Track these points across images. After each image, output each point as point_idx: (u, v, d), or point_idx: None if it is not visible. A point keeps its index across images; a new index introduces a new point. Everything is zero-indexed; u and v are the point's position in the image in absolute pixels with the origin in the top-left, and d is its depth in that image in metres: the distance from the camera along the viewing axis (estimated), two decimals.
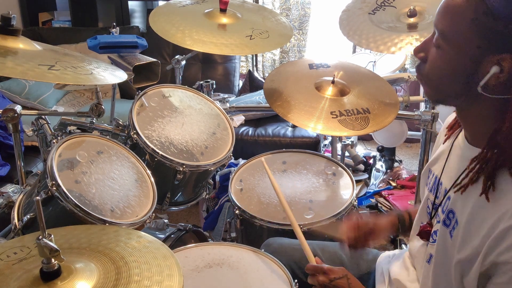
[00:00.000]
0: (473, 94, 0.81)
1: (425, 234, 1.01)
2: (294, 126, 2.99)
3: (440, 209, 0.96)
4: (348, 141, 2.18)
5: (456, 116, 0.99)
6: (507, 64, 0.76)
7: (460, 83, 0.83)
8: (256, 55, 3.79)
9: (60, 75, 0.97)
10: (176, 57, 1.95)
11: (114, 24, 1.69)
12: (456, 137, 0.97)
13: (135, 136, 1.47)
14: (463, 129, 0.94)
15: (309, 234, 1.42)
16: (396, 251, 1.29)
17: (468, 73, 0.80)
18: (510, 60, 0.75)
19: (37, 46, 1.13)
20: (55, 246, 0.73)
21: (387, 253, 1.30)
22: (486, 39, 0.76)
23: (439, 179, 0.99)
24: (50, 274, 0.75)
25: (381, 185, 2.69)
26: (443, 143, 1.04)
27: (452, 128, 1.00)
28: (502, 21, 0.74)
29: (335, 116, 1.60)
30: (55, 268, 0.75)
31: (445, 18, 0.81)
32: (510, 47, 0.75)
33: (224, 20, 1.73)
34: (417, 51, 0.90)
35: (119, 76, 1.23)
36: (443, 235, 0.91)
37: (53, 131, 1.48)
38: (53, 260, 0.75)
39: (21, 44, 1.09)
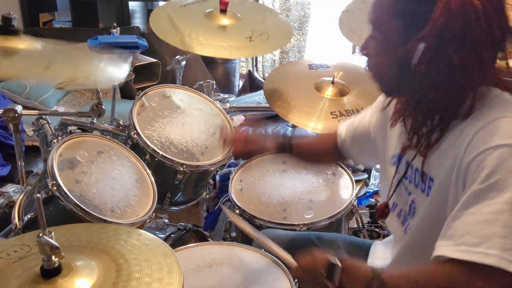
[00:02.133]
0: (412, 75, 0.87)
1: (383, 214, 1.06)
2: (294, 126, 2.99)
3: (406, 181, 1.00)
4: None
5: (394, 108, 1.04)
6: (430, 37, 0.82)
7: (395, 65, 0.89)
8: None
9: (57, 73, 0.96)
10: (176, 57, 1.95)
11: (115, 24, 1.70)
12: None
13: (135, 136, 1.47)
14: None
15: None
16: (387, 239, 1.30)
17: (400, 54, 0.86)
18: (429, 34, 0.82)
19: (37, 45, 1.13)
20: (56, 244, 0.74)
21: (379, 242, 1.30)
22: (407, 20, 0.84)
23: (399, 154, 1.03)
24: (51, 272, 0.75)
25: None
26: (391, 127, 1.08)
27: (394, 118, 1.04)
28: (414, 2, 0.83)
29: (335, 116, 1.61)
30: (56, 265, 0.75)
31: (374, 10, 0.91)
32: (425, 20, 0.81)
33: (224, 21, 1.72)
34: (361, 49, 0.97)
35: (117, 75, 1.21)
36: (421, 200, 0.95)
37: (53, 131, 1.49)
38: (53, 257, 0.75)
39: (22, 44, 1.09)
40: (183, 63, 1.98)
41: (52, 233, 0.76)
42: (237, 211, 1.54)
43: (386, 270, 0.86)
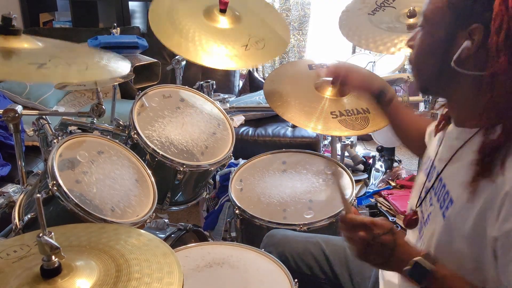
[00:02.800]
0: (450, 73, 0.84)
1: (411, 222, 1.01)
2: (294, 126, 2.99)
3: (432, 192, 0.96)
4: (348, 141, 2.19)
5: (441, 115, 1.02)
6: (477, 36, 0.80)
7: (436, 60, 0.87)
8: None
9: (47, 74, 0.95)
10: (177, 57, 1.95)
11: (115, 24, 1.70)
12: (447, 125, 0.99)
13: (135, 136, 1.47)
14: (451, 117, 0.96)
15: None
16: None
17: (443, 49, 0.85)
18: (479, 32, 0.79)
19: (37, 42, 1.12)
20: (56, 244, 0.74)
21: None
22: (457, 15, 0.82)
23: (433, 161, 1.00)
24: (51, 272, 0.75)
25: (380, 185, 2.69)
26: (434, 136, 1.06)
27: (441, 124, 1.02)
28: None
29: (335, 116, 1.61)
30: (56, 265, 0.75)
31: (429, 3, 0.89)
32: (479, 17, 0.79)
33: (222, 22, 1.69)
34: (408, 40, 0.97)
35: (118, 70, 1.20)
36: (436, 217, 0.92)
37: (53, 131, 1.49)
38: (53, 257, 0.75)
39: (24, 43, 1.08)
40: (183, 63, 1.98)
41: (52, 233, 0.76)
42: (237, 211, 1.55)
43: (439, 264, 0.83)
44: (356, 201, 1.59)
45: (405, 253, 0.85)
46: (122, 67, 1.17)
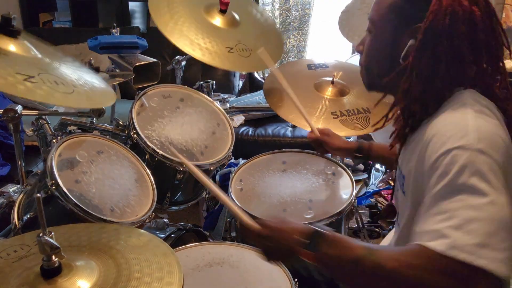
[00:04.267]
0: (397, 69, 0.93)
1: (385, 213, 1.09)
2: (294, 126, 2.99)
3: (397, 181, 1.04)
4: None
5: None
6: (419, 34, 0.88)
7: (385, 59, 0.97)
8: None
9: (32, 89, 0.90)
10: (177, 57, 1.95)
11: (115, 24, 1.70)
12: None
13: (135, 136, 1.47)
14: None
15: None
16: (387, 239, 1.31)
17: (390, 49, 0.95)
18: (421, 30, 0.88)
19: (34, 50, 1.09)
20: (56, 243, 0.74)
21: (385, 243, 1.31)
22: (400, 17, 0.92)
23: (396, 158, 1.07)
24: (51, 272, 0.75)
25: (380, 184, 2.69)
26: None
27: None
28: (410, 2, 0.91)
29: (336, 116, 1.61)
30: (56, 265, 0.75)
31: (374, 7, 0.98)
32: (420, 17, 0.88)
33: (217, 20, 1.67)
34: (357, 46, 1.06)
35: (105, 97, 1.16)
36: (401, 198, 0.99)
37: (53, 131, 1.49)
38: (53, 257, 0.75)
39: (18, 47, 1.05)
40: (183, 63, 1.98)
41: (52, 233, 0.76)
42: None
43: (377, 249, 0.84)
44: (356, 201, 1.59)
45: (343, 246, 0.85)
46: (107, 96, 1.14)
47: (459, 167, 0.75)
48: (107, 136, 1.45)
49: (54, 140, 1.41)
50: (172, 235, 1.53)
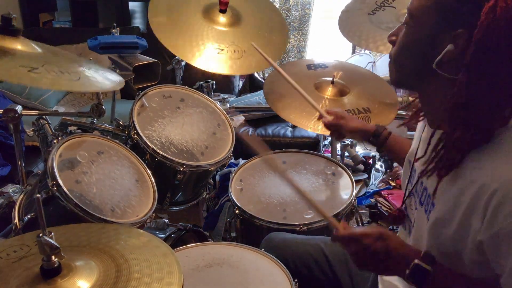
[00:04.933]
0: (430, 73, 0.85)
1: (395, 219, 1.04)
2: (294, 126, 2.99)
3: (415, 195, 0.98)
4: (348, 141, 2.19)
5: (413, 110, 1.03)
6: (461, 41, 0.79)
7: (418, 59, 0.88)
8: None
9: (37, 78, 0.95)
10: (177, 57, 1.95)
11: (115, 24, 1.70)
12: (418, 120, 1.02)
13: (135, 136, 1.47)
14: (426, 117, 0.97)
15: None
16: None
17: (426, 49, 0.85)
18: (464, 37, 0.79)
19: (35, 47, 1.12)
20: (56, 244, 0.74)
21: None
22: (443, 16, 0.81)
23: (412, 165, 1.02)
24: (51, 272, 0.75)
25: (380, 185, 2.69)
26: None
27: (413, 117, 1.03)
28: (458, 1, 0.79)
29: None
30: (56, 265, 0.75)
31: None
32: (465, 22, 0.78)
33: (215, 19, 1.67)
34: (390, 35, 0.95)
35: (110, 82, 1.21)
36: (421, 219, 0.94)
37: (53, 131, 1.48)
38: (53, 257, 0.75)
39: (20, 45, 1.08)
40: (183, 63, 1.98)
41: (52, 233, 0.76)
42: (237, 211, 1.55)
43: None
44: (356, 201, 1.59)
45: (401, 255, 0.87)
46: (112, 83, 1.18)
47: None
48: (108, 137, 1.45)
49: (54, 140, 1.41)
50: (172, 235, 1.53)
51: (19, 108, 1.39)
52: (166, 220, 1.64)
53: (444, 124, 0.84)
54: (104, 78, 1.19)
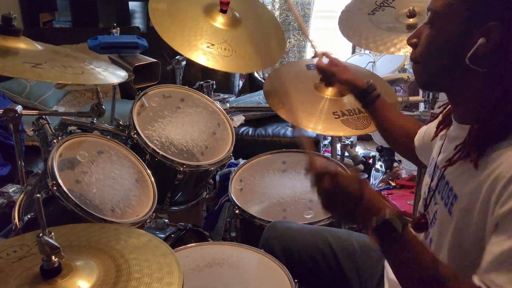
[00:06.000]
0: (461, 69, 0.83)
1: (420, 226, 1.00)
2: (294, 126, 2.99)
3: (437, 191, 0.96)
4: (348, 141, 2.19)
5: (442, 114, 1.01)
6: (494, 34, 0.78)
7: (448, 57, 0.85)
8: None
9: (41, 73, 0.97)
10: (177, 57, 1.95)
11: (115, 24, 1.70)
12: (449, 126, 0.98)
13: (135, 136, 1.47)
14: (452, 115, 0.95)
15: None
16: None
17: (456, 46, 0.83)
18: (496, 29, 0.77)
19: (37, 46, 1.13)
20: (56, 244, 0.74)
21: None
22: (473, 10, 0.80)
23: (436, 162, 0.99)
24: (51, 272, 0.75)
25: (380, 185, 2.69)
26: (432, 140, 1.06)
27: (442, 125, 1.01)
28: None
29: (337, 116, 1.60)
30: (56, 265, 0.75)
31: None
32: (496, 14, 0.77)
33: (214, 18, 1.67)
34: (410, 38, 0.94)
35: (115, 76, 1.23)
36: (442, 214, 0.91)
37: (53, 131, 1.49)
38: (53, 257, 0.75)
39: (22, 44, 1.10)
40: (183, 63, 1.98)
41: (52, 233, 0.76)
42: (237, 211, 1.55)
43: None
44: None
45: (372, 206, 0.83)
46: (117, 76, 1.19)
47: None
48: (108, 136, 1.45)
49: (54, 140, 1.41)
50: (172, 235, 1.53)
51: (19, 108, 1.39)
52: (166, 220, 1.64)
53: (477, 118, 0.83)
54: (108, 72, 1.21)
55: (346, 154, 2.22)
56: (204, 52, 1.54)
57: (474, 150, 0.82)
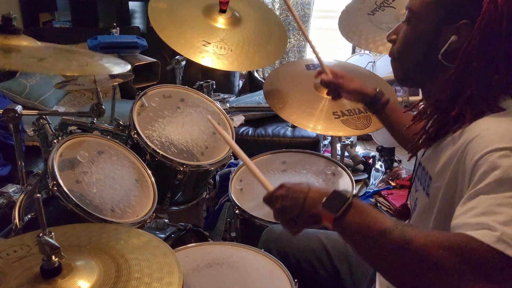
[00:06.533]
0: (435, 65, 0.88)
1: (401, 215, 1.03)
2: (294, 126, 2.99)
3: (416, 179, 0.99)
4: (348, 141, 2.19)
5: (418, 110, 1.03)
6: (464, 32, 0.83)
7: (423, 53, 0.91)
8: None
9: (48, 66, 1.00)
10: (176, 57, 1.95)
11: (115, 24, 1.70)
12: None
13: (135, 136, 1.47)
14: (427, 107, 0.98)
15: None
16: None
17: (430, 42, 0.88)
18: (466, 27, 0.82)
19: (39, 43, 1.14)
20: (56, 244, 0.74)
21: None
22: (446, 10, 0.85)
23: (417, 155, 1.03)
24: (51, 272, 0.75)
25: (380, 185, 2.69)
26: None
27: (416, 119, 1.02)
28: None
29: (337, 116, 1.61)
30: (56, 265, 0.75)
31: None
32: (467, 13, 0.82)
33: (213, 17, 1.67)
34: (389, 35, 0.99)
35: (119, 66, 1.23)
36: (421, 198, 0.94)
37: (54, 131, 1.49)
38: (53, 257, 0.75)
39: (24, 41, 1.10)
40: (183, 63, 1.98)
41: (52, 233, 0.76)
42: (237, 211, 1.55)
43: None
44: None
45: (319, 192, 0.85)
46: (120, 67, 1.20)
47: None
48: (108, 136, 1.45)
49: (55, 140, 1.41)
50: (172, 235, 1.53)
51: (19, 108, 1.39)
52: (166, 220, 1.64)
53: (441, 109, 0.88)
54: (112, 63, 1.21)
55: (346, 154, 2.22)
56: (201, 51, 1.55)
57: (438, 130, 0.88)
